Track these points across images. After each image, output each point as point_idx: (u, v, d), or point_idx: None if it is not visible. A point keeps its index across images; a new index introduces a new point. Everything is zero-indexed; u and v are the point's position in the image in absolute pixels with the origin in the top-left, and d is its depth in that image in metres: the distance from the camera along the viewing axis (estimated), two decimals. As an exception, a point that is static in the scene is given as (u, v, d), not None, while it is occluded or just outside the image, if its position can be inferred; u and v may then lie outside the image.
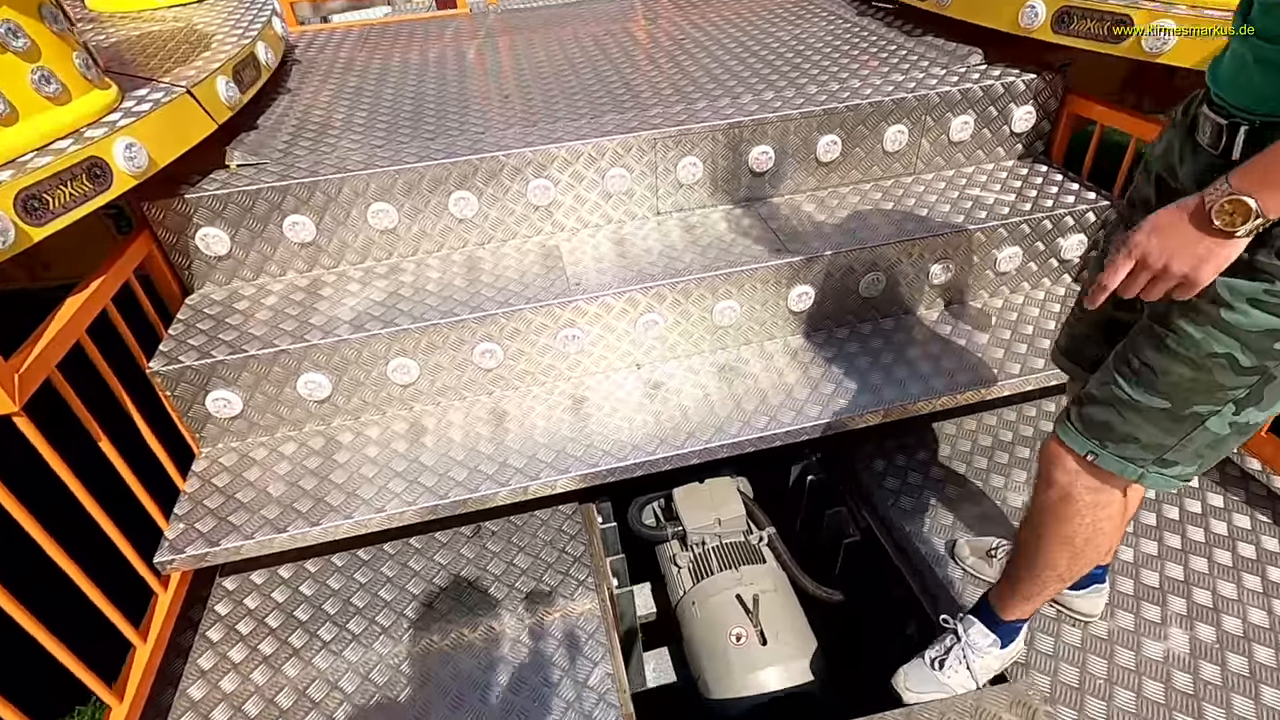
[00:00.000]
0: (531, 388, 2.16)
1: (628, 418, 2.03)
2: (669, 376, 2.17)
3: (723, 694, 2.05)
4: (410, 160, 2.11)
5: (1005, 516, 2.04)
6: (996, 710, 1.52)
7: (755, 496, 2.67)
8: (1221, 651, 1.69)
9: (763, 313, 2.19)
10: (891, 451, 2.30)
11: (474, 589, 1.95)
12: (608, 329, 2.11)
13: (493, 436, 2.00)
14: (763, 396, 2.07)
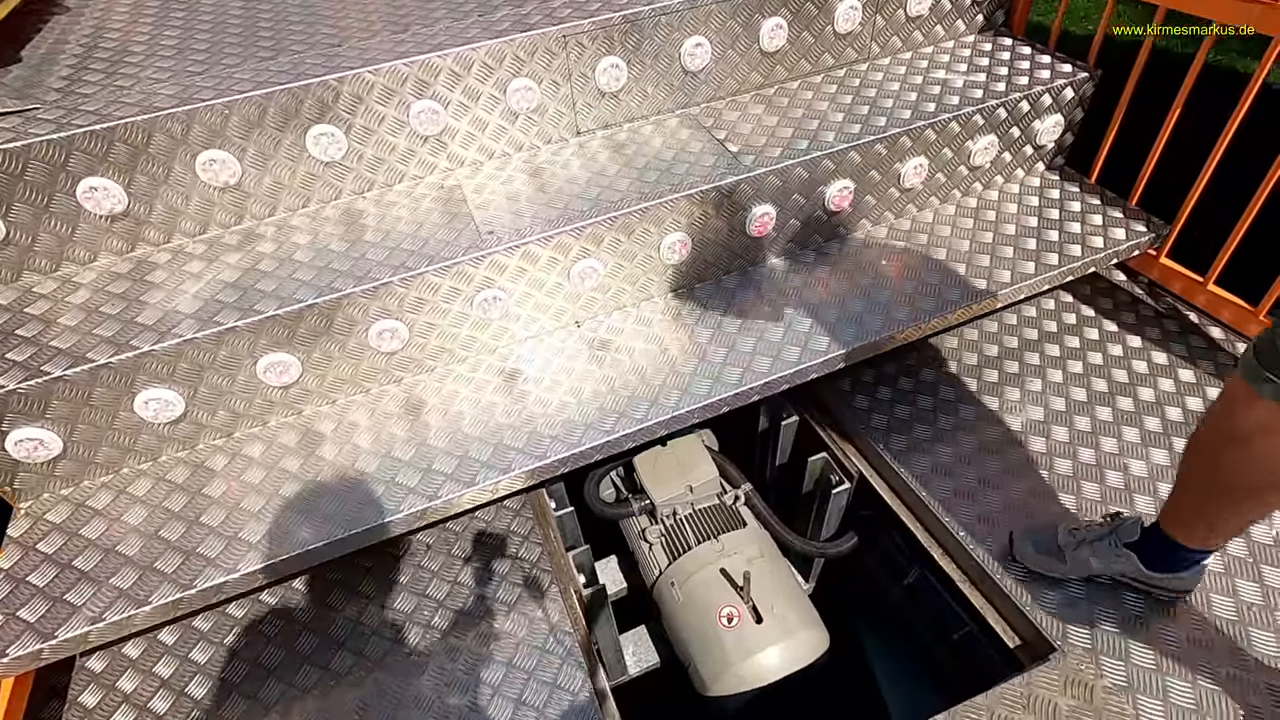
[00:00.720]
0: (451, 367, 1.75)
1: (574, 390, 1.66)
2: (616, 332, 1.79)
3: (722, 689, 1.80)
4: (243, 88, 1.59)
5: (1016, 443, 1.82)
6: (1050, 695, 1.31)
7: (721, 448, 2.39)
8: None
9: (717, 243, 1.83)
10: (872, 385, 2.04)
11: (413, 623, 1.59)
12: (535, 284, 1.71)
13: (410, 436, 1.60)
14: (730, 343, 1.74)
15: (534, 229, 1.64)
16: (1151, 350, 2.03)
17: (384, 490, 1.50)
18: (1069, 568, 1.49)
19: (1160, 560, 1.38)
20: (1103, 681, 1.34)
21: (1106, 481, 1.73)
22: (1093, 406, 1.90)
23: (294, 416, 1.65)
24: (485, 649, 1.54)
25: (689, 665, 1.90)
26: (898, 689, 1.94)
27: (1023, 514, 1.68)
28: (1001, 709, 1.32)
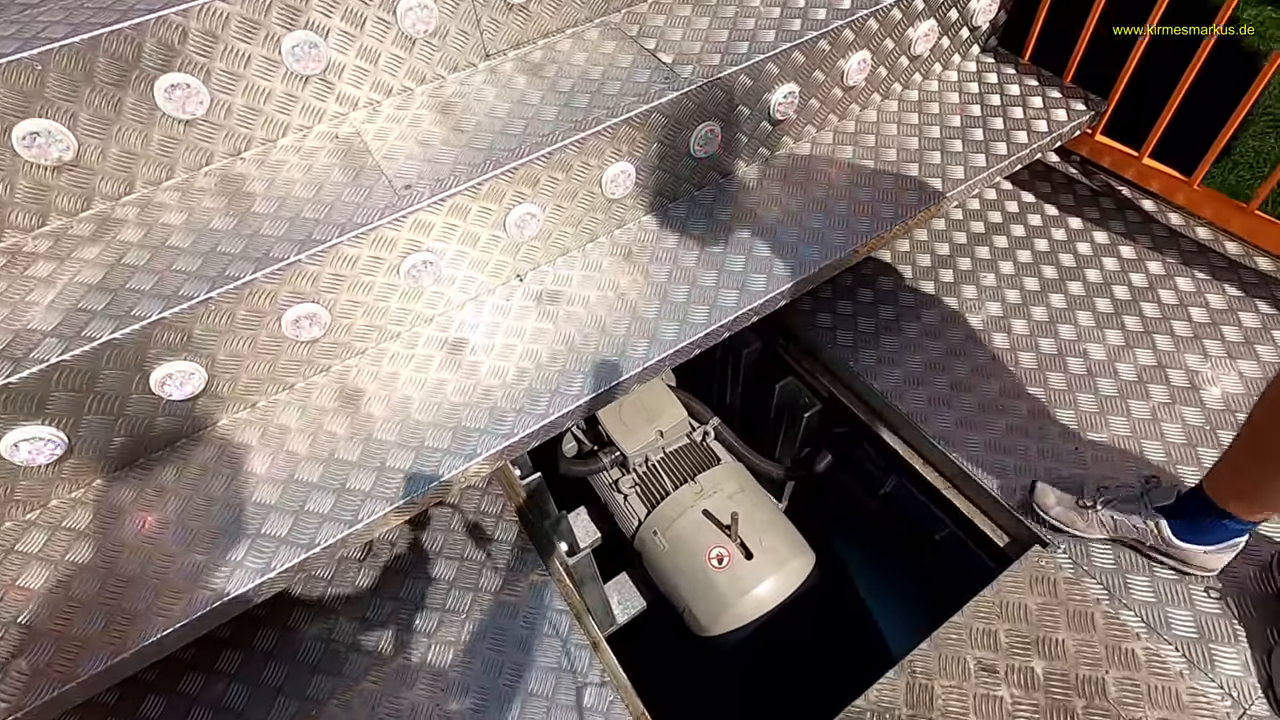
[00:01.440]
0: (385, 346, 1.53)
1: (530, 354, 1.50)
2: (565, 281, 1.62)
3: (721, 628, 1.77)
4: (58, 34, 1.25)
5: (980, 342, 1.80)
6: (1020, 597, 1.33)
7: (680, 383, 2.29)
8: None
9: (663, 170, 1.65)
10: (832, 300, 1.96)
11: (392, 630, 1.45)
12: (468, 241, 1.49)
13: (353, 432, 1.40)
14: (691, 279, 1.60)
15: (457, 177, 1.42)
16: (1093, 230, 2.04)
17: (335, 501, 1.31)
18: (1089, 525, 1.41)
19: (1192, 528, 1.28)
20: (1064, 573, 1.37)
21: (1069, 370, 1.74)
22: (1046, 295, 1.90)
23: (208, 430, 1.42)
24: (478, 645, 1.43)
25: (683, 610, 1.87)
26: (883, 596, 1.98)
27: (997, 414, 1.67)
28: (978, 623, 1.33)
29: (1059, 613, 1.33)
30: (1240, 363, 1.71)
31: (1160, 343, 1.77)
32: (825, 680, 1.74)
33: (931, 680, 1.26)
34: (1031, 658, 1.28)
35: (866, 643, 1.87)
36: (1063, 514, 1.43)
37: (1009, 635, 1.30)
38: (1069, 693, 1.24)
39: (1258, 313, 1.81)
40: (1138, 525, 1.34)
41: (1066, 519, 1.43)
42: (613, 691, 1.37)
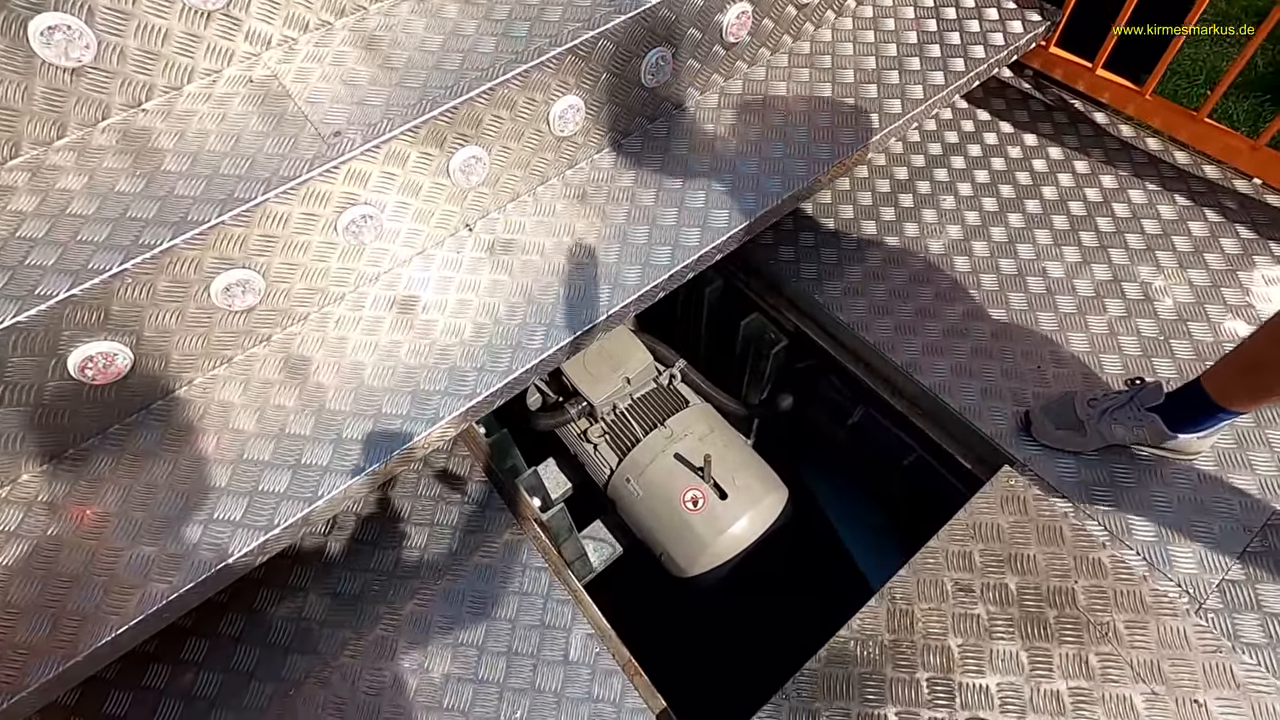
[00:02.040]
0: (329, 310, 1.43)
1: (486, 308, 1.42)
2: (518, 229, 1.53)
3: (700, 569, 1.78)
4: (-102, -28, 1.07)
5: (942, 267, 1.79)
6: (991, 518, 1.36)
7: (642, 324, 2.24)
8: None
9: (613, 102, 1.55)
10: (794, 233, 1.91)
11: (365, 604, 1.41)
12: (410, 190, 1.38)
13: (304, 404, 1.31)
14: (650, 218, 1.53)
15: (391, 120, 1.30)
16: (1047, 146, 2.03)
17: (291, 478, 1.23)
18: (1089, 440, 1.42)
19: (1189, 420, 1.32)
20: (1032, 491, 1.41)
21: (1029, 289, 1.75)
22: (1004, 215, 1.89)
23: (142, 413, 1.31)
24: (457, 610, 1.40)
25: (661, 554, 1.87)
26: (858, 526, 2.02)
27: (961, 338, 1.67)
28: (953, 545, 1.35)
29: (1029, 529, 1.36)
30: (1191, 272, 1.74)
31: (1115, 257, 1.78)
32: (807, 612, 1.78)
33: (911, 604, 1.29)
34: (1005, 574, 1.31)
35: (844, 573, 1.91)
36: (1065, 437, 1.45)
37: (983, 555, 1.33)
38: (1041, 604, 1.28)
39: (1206, 221, 1.83)
40: (1135, 429, 1.37)
41: (1067, 440, 1.45)
42: (598, 643, 1.36)
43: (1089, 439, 1.42)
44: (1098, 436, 1.41)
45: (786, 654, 1.50)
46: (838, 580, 1.98)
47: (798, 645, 1.40)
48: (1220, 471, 1.44)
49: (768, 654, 1.72)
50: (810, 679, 1.23)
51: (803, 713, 1.20)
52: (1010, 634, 1.25)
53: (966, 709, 1.19)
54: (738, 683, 1.69)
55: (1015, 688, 1.20)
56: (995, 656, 1.23)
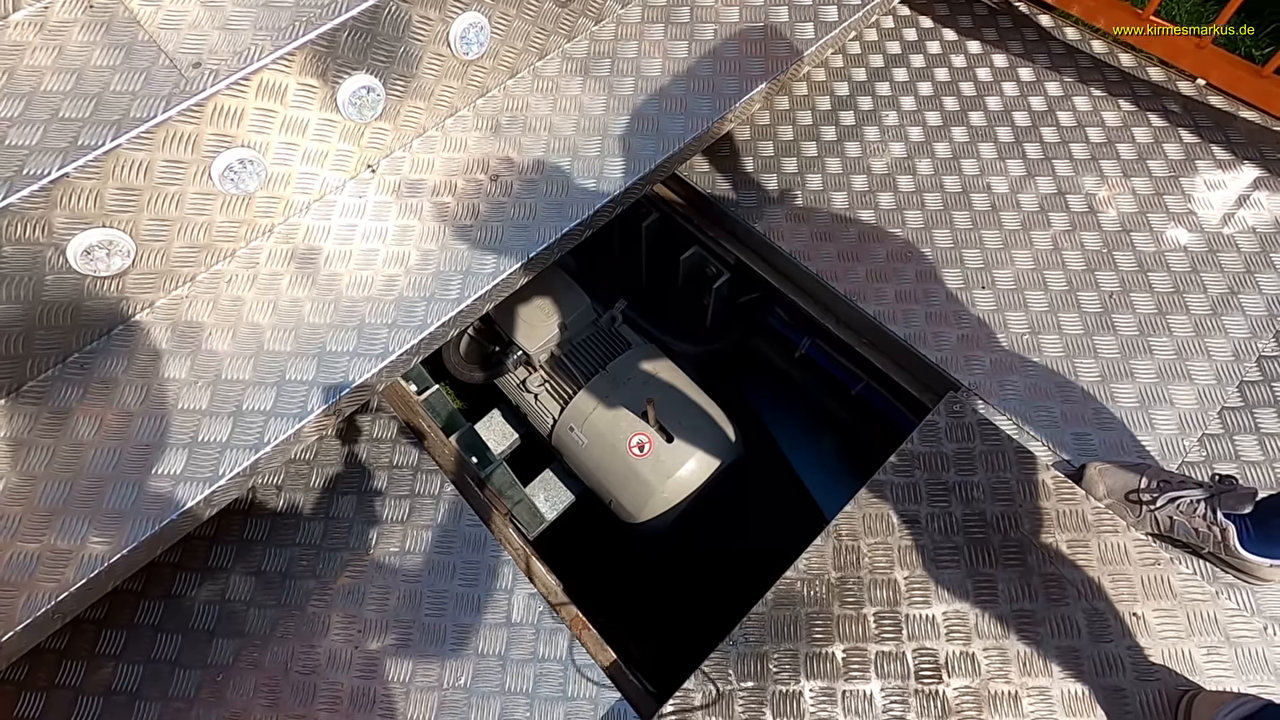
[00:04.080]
0: (220, 267, 1.29)
1: (395, 258, 1.30)
2: (425, 168, 1.39)
3: (649, 514, 1.74)
4: None
5: (887, 188, 1.71)
6: (936, 447, 1.33)
7: (578, 264, 2.13)
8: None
9: (522, 18, 1.40)
10: (730, 159, 1.80)
11: (293, 579, 1.33)
12: (295, 129, 1.23)
13: (196, 375, 1.19)
14: (572, 149, 1.41)
15: (260, 47, 1.13)
16: (991, 54, 1.93)
17: (187, 458, 1.13)
18: (1139, 520, 1.26)
19: (1265, 539, 1.16)
20: (978, 417, 1.38)
21: (974, 207, 1.69)
22: (948, 129, 1.81)
23: (8, 400, 1.17)
24: (392, 581, 1.33)
25: (610, 501, 1.82)
26: (809, 461, 2.00)
27: (905, 261, 1.61)
28: (898, 478, 1.32)
29: (973, 455, 1.34)
30: (1135, 180, 1.70)
31: (1060, 169, 1.72)
32: (764, 552, 1.76)
33: (857, 540, 1.27)
34: (950, 504, 1.29)
35: (800, 508, 1.90)
36: (1113, 505, 1.29)
37: (929, 485, 1.31)
38: (985, 530, 1.27)
39: (1150, 126, 1.78)
40: (1199, 530, 1.19)
41: (1117, 510, 1.28)
42: (541, 601, 1.31)
43: (1139, 520, 1.26)
44: (1150, 521, 1.24)
45: (741, 596, 1.48)
46: (794, 516, 1.96)
47: (753, 586, 1.38)
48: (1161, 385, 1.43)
49: (722, 597, 1.71)
50: (757, 622, 1.21)
51: (750, 657, 1.18)
52: (955, 563, 1.24)
53: (913, 639, 1.18)
54: (693, 629, 1.68)
55: (960, 615, 1.20)
56: (941, 586, 1.22)
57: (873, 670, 1.16)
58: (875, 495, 1.30)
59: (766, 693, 1.15)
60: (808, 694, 1.15)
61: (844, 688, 1.15)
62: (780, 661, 1.17)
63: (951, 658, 1.17)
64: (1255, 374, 1.45)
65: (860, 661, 1.17)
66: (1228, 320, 1.50)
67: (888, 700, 1.14)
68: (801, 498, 1.98)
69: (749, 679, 1.16)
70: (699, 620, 1.77)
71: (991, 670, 1.15)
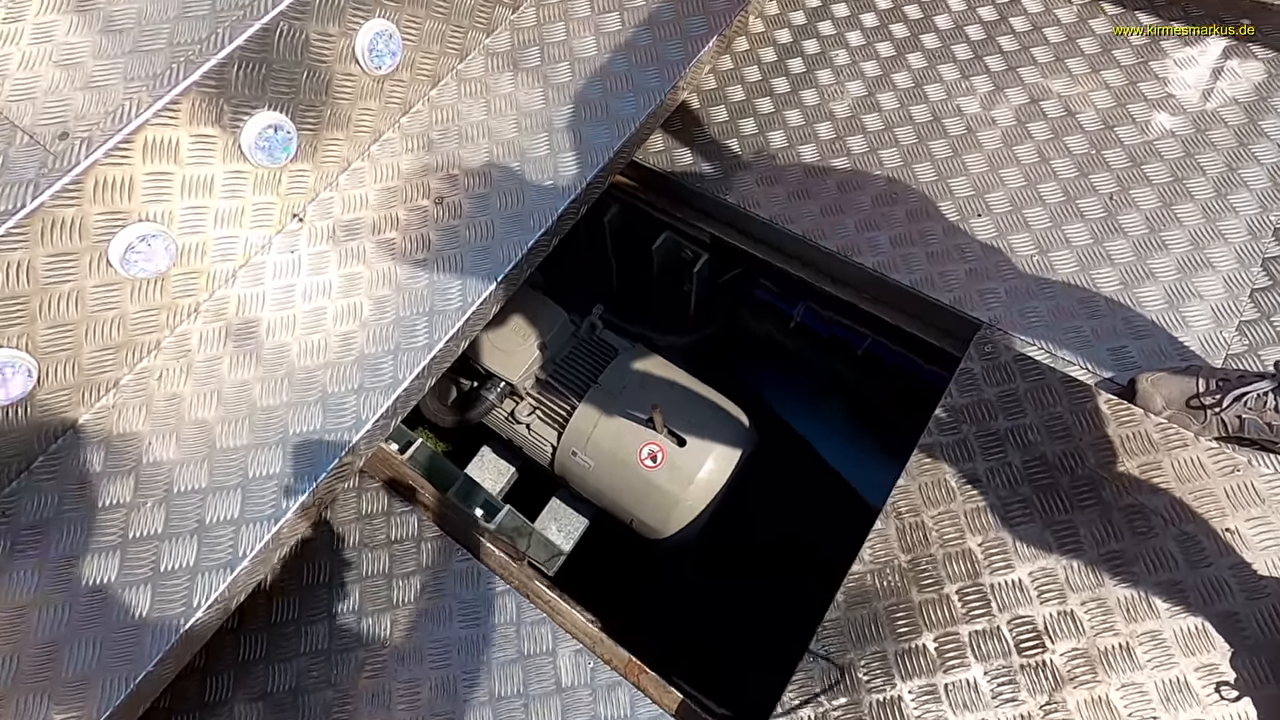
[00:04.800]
0: (146, 364, 1.11)
1: (347, 312, 1.14)
2: (359, 204, 1.23)
3: (676, 526, 1.61)
4: None
5: (855, 130, 1.59)
6: (978, 395, 1.22)
7: (546, 278, 1.98)
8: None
9: (433, 17, 1.23)
10: (684, 131, 1.66)
11: (305, 694, 1.16)
12: (199, 189, 1.06)
13: (144, 496, 1.02)
14: (519, 152, 1.25)
15: (137, 101, 0.96)
16: (929, -29, 1.82)
17: (152, 595, 0.95)
18: (1205, 427, 1.16)
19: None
20: (1012, 354, 1.27)
21: (949, 133, 1.58)
22: (903, 57, 1.70)
23: (-75, 567, 0.98)
24: (419, 670, 1.17)
25: (630, 520, 1.69)
26: (827, 431, 1.89)
27: (892, 204, 1.50)
28: (946, 438, 1.21)
29: (1019, 396, 1.23)
30: (1105, 74, 1.61)
31: (1027, 76, 1.63)
32: (806, 541, 1.65)
33: (919, 515, 1.15)
34: (1007, 453, 1.19)
35: (829, 486, 1.78)
36: (1174, 416, 1.19)
37: (980, 438, 1.20)
38: (1050, 474, 1.16)
39: (1105, 17, 1.69)
40: (1273, 423, 1.10)
41: (1179, 421, 1.18)
42: (589, 656, 1.17)
43: (1205, 426, 1.17)
44: (1216, 425, 1.16)
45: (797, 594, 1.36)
46: (825, 496, 1.85)
47: (806, 581, 1.26)
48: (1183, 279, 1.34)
49: (775, 599, 1.60)
50: (835, 629, 1.09)
51: (835, 670, 1.06)
52: (1028, 516, 1.14)
53: (1005, 610, 1.08)
54: (753, 641, 1.56)
55: (1048, 572, 1.09)
56: (1019, 545, 1.11)
57: (970, 654, 1.05)
58: (927, 461, 1.19)
59: (862, 706, 1.04)
60: (908, 697, 1.03)
61: (945, 680, 1.04)
62: (869, 668, 1.06)
63: (1050, 621, 1.06)
64: (1276, 248, 1.37)
65: (955, 648, 1.06)
66: (1234, 199, 1.43)
67: (995, 684, 1.03)
68: (826, 474, 1.87)
69: (840, 695, 1.04)
70: (756, 630, 1.65)
71: (1095, 624, 1.05)
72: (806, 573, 1.36)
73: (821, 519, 1.69)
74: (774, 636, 1.64)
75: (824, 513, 1.75)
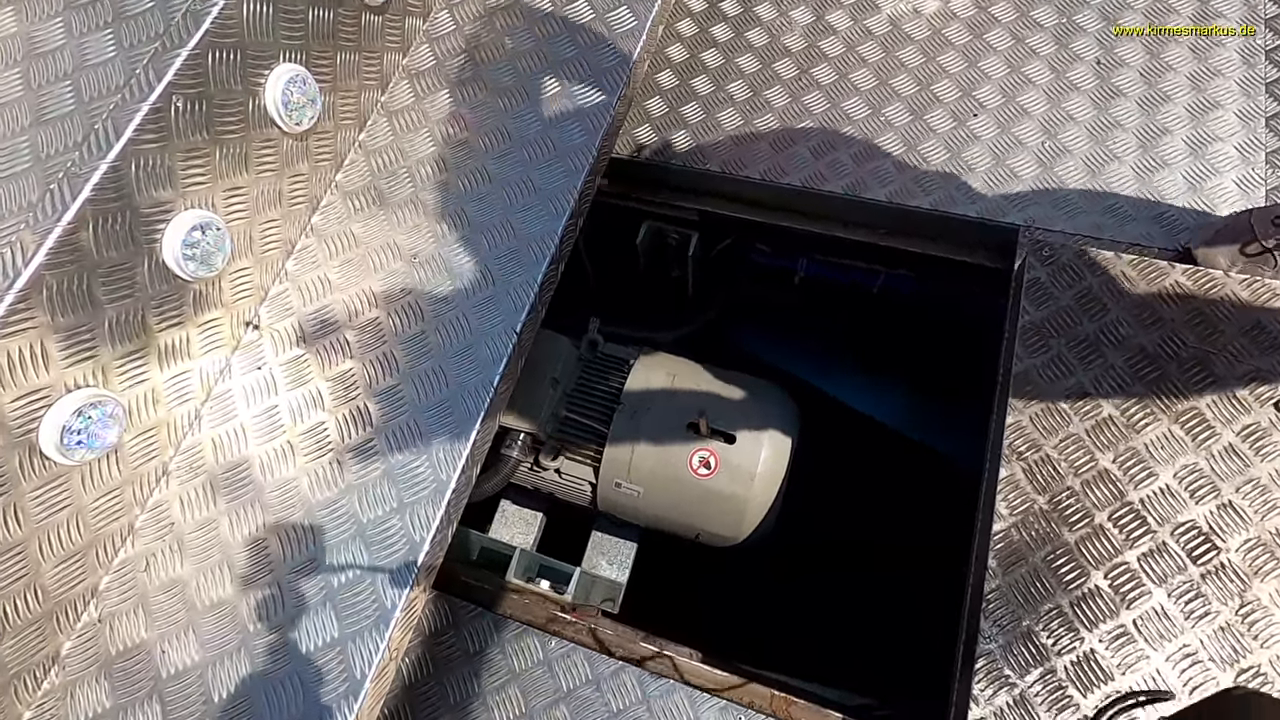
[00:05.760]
0: (125, 555, 0.89)
1: (354, 417, 0.93)
2: (322, 289, 1.02)
3: (750, 526, 1.48)
4: None
5: (819, 56, 1.46)
6: (1054, 303, 1.12)
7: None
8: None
9: (342, 48, 1.02)
10: (636, 114, 1.49)
11: None
12: (130, 330, 0.83)
13: (179, 709, 0.81)
14: (486, 178, 1.06)
15: (19, 243, 0.73)
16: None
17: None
18: (1278, 270, 1.08)
19: None
20: (1070, 251, 1.17)
21: (915, 38, 1.47)
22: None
23: None
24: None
25: (697, 535, 1.54)
26: (859, 385, 1.78)
27: (886, 130, 1.38)
28: (1036, 357, 1.11)
29: (1094, 294, 1.14)
30: (1047, -62, 1.52)
31: (969, -41, 1.52)
32: (888, 506, 1.54)
33: (1040, 448, 1.05)
34: (1105, 355, 1.09)
35: (896, 446, 1.67)
36: (1246, 268, 1.11)
37: (1072, 348, 1.10)
38: (1156, 365, 1.08)
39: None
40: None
41: (1252, 270, 1.11)
42: (737, 711, 1.03)
43: (1277, 270, 1.09)
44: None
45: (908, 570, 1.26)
46: (896, 456, 1.73)
47: (914, 552, 1.15)
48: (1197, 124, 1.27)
49: (890, 580, 1.49)
50: (999, 599, 0.98)
51: (1017, 644, 0.95)
52: (1150, 415, 1.05)
53: (1164, 522, 0.99)
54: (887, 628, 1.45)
55: (1193, 468, 1.01)
56: (1153, 449, 1.03)
57: (1147, 580, 0.96)
58: (1027, 389, 1.09)
59: (1058, 671, 0.93)
60: (1100, 647, 0.94)
61: (1132, 617, 0.95)
62: (1050, 629, 0.95)
63: (1212, 519, 0.98)
64: (1275, 72, 1.32)
65: (1129, 578, 0.96)
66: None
67: (1182, 603, 0.94)
68: (874, 427, 1.76)
69: (1032, 668, 0.94)
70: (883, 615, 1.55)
71: (1258, 508, 0.98)
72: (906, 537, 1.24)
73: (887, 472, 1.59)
74: (889, 624, 1.54)
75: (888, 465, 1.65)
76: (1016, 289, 1.17)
